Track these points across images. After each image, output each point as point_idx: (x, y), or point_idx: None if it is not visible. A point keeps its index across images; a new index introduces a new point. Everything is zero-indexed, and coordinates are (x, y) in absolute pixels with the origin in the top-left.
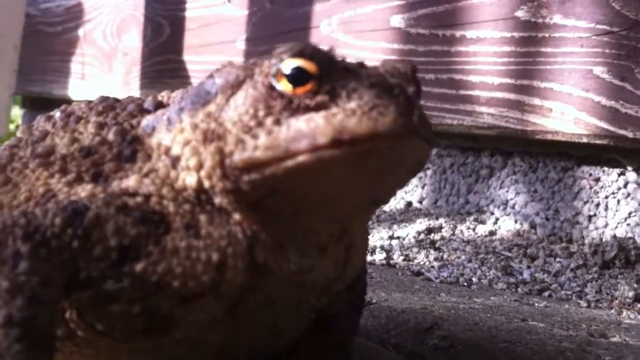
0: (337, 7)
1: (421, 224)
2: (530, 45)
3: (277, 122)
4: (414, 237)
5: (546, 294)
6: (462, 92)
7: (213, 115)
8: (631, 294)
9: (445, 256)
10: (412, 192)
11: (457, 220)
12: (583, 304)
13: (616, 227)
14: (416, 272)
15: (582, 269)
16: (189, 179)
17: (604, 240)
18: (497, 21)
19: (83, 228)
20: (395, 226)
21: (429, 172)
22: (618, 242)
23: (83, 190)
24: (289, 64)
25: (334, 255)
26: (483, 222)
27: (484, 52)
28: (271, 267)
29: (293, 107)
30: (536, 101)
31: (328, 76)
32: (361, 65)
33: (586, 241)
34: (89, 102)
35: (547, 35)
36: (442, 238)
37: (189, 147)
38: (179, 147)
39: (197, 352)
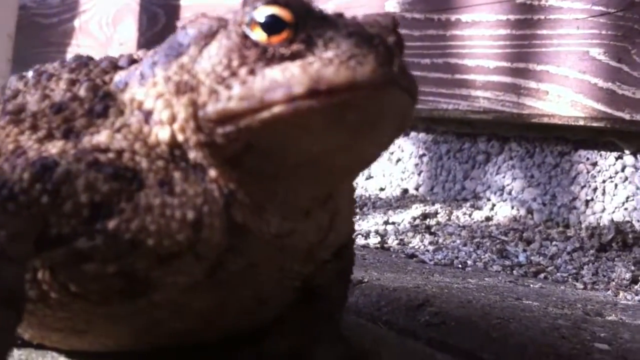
0: None
1: (417, 209)
2: (525, 27)
3: (252, 72)
4: (409, 222)
5: (542, 276)
6: (458, 76)
7: (186, 67)
8: (628, 275)
9: (440, 240)
10: (409, 179)
11: (453, 206)
12: (579, 285)
13: (613, 212)
14: (410, 254)
15: (579, 252)
16: (162, 133)
17: (601, 224)
18: (492, 4)
19: (52, 183)
20: (390, 212)
21: (425, 159)
22: (615, 225)
23: (54, 147)
24: (263, 12)
25: (318, 221)
26: (479, 208)
27: (479, 36)
28: (250, 228)
29: (268, 57)
30: (532, 84)
31: (304, 24)
32: (339, 15)
33: (583, 226)
34: (63, 60)
35: (542, 17)
36: (438, 223)
37: (162, 100)
38: (152, 101)
39: (179, 318)
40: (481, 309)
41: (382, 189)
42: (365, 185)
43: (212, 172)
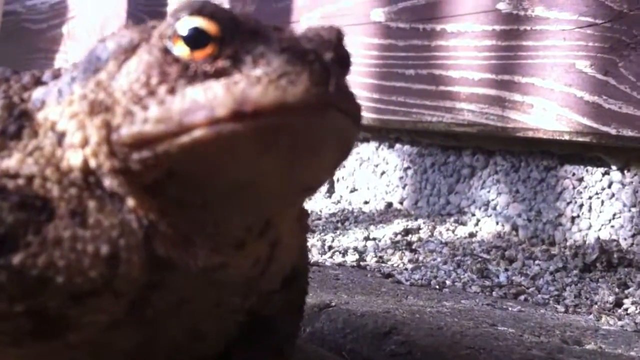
0: (317, 1)
1: (399, 224)
2: (511, 38)
3: (171, 91)
4: (390, 238)
5: (522, 297)
6: (442, 88)
7: (103, 85)
8: (611, 298)
9: (420, 258)
10: (393, 192)
11: (436, 222)
12: (560, 308)
13: (600, 229)
14: (386, 274)
15: (562, 272)
16: (74, 158)
17: (586, 242)
18: (478, 14)
19: None
20: (372, 227)
21: (409, 172)
22: (600, 245)
23: None
24: (186, 24)
25: (254, 253)
26: (464, 224)
27: (464, 47)
28: (175, 262)
29: (190, 74)
30: (517, 97)
31: (231, 39)
32: (275, 28)
33: (568, 244)
34: None
35: (529, 28)
36: (420, 239)
37: (75, 121)
38: (65, 121)
39: (100, 359)
40: (451, 337)
41: (366, 202)
42: (349, 198)
43: (130, 202)
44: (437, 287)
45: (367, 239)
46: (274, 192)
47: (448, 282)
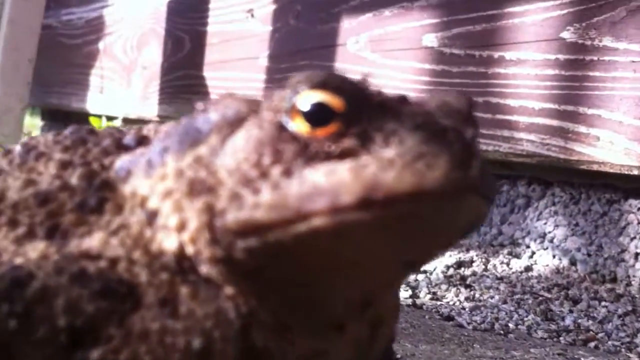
0: (365, 24)
1: (451, 257)
2: (576, 68)
3: (287, 173)
4: (443, 271)
5: (592, 344)
6: (499, 116)
7: (204, 161)
8: None
9: (477, 295)
10: None
11: (489, 253)
12: (634, 357)
13: None
14: (446, 316)
15: (631, 316)
16: (168, 242)
17: None
18: (539, 42)
19: (24, 303)
20: None
21: None
22: None
23: (33, 250)
24: (308, 98)
25: (355, 335)
26: (518, 256)
27: (524, 75)
28: (272, 352)
29: (309, 154)
30: (582, 128)
31: (358, 114)
32: (402, 100)
33: (633, 282)
34: (58, 133)
35: (595, 58)
36: (474, 274)
37: (171, 201)
38: (158, 200)
39: None
40: None
41: None
42: None
43: (228, 289)
44: (502, 331)
45: (418, 272)
46: (385, 274)
47: (511, 325)
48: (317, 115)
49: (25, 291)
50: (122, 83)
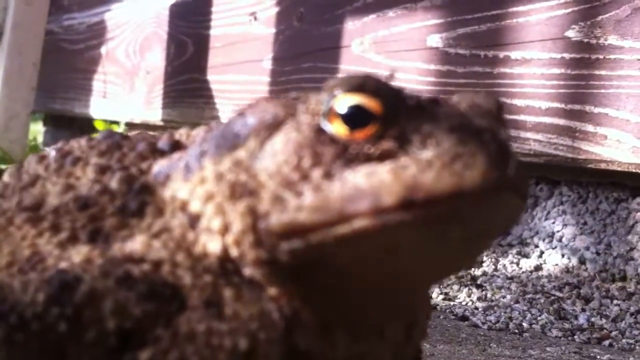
0: (370, 25)
1: None
2: (582, 67)
3: (328, 176)
4: None
5: (606, 342)
6: (506, 116)
7: (243, 164)
8: None
9: (489, 295)
10: None
11: (498, 253)
12: None
13: None
14: (460, 316)
15: None
16: (212, 245)
17: None
18: (545, 41)
19: (73, 306)
20: None
21: None
22: None
23: (77, 254)
24: (346, 101)
25: (393, 337)
26: (527, 256)
27: (530, 74)
28: (315, 355)
29: (349, 157)
30: (589, 127)
31: (395, 116)
32: (435, 101)
33: None
34: (91, 138)
35: (601, 57)
36: (484, 274)
37: (212, 204)
38: (199, 203)
39: None
40: None
41: None
42: None
43: (272, 290)
44: (517, 331)
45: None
46: (427, 277)
47: (525, 325)
48: (355, 118)
49: (74, 295)
50: (125, 88)
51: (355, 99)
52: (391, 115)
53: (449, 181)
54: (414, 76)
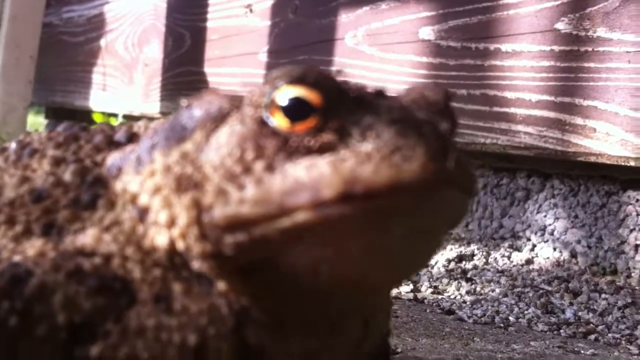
0: (363, 18)
1: (452, 250)
2: (571, 59)
3: (270, 169)
4: (444, 265)
5: (592, 337)
6: (497, 109)
7: (190, 157)
8: None
9: (478, 289)
10: None
11: (490, 247)
12: (634, 349)
13: None
14: (447, 310)
15: (631, 308)
16: (160, 238)
17: None
18: (535, 34)
19: (23, 300)
20: None
21: None
22: None
23: (31, 247)
24: (286, 93)
25: (348, 333)
26: (519, 249)
27: (520, 67)
28: (265, 350)
29: (290, 149)
30: (578, 120)
31: (336, 109)
32: (379, 94)
33: (633, 274)
34: (52, 130)
35: (590, 49)
36: (475, 267)
37: (160, 197)
38: (148, 196)
39: None
40: None
41: None
42: None
43: (220, 284)
44: (502, 324)
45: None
46: (378, 276)
47: (512, 319)
48: (296, 111)
49: (24, 288)
50: (124, 80)
51: (296, 91)
52: (331, 108)
53: (387, 174)
54: (407, 69)
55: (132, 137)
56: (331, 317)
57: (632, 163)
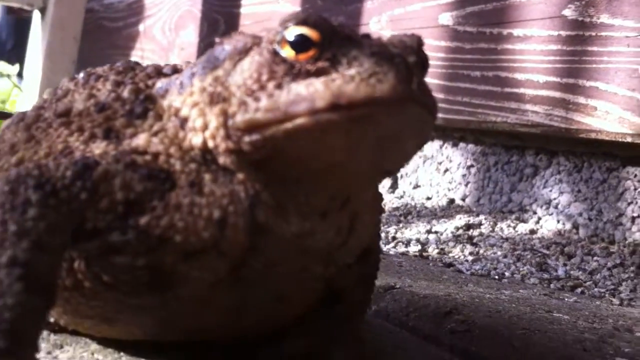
0: (386, 4)
1: (461, 220)
2: (576, 44)
3: (279, 86)
4: (452, 232)
5: (579, 290)
6: (508, 89)
7: (220, 80)
8: None
9: (481, 251)
10: (455, 189)
11: (498, 218)
12: (616, 301)
13: None
14: (448, 263)
15: (619, 268)
16: (195, 139)
17: None
18: (544, 20)
19: (92, 181)
20: (434, 221)
21: (472, 170)
22: None
23: (97, 148)
24: (293, 31)
25: (337, 222)
26: (524, 221)
27: (530, 50)
28: (272, 227)
29: (294, 72)
30: (581, 100)
31: (330, 44)
32: (366, 36)
33: (627, 242)
34: (113, 64)
35: (593, 34)
36: (481, 234)
37: (197, 109)
38: (188, 109)
39: (204, 313)
40: (508, 320)
41: (428, 198)
42: (412, 194)
43: (240, 175)
44: (496, 277)
45: (429, 232)
46: (358, 173)
47: (507, 274)
48: (300, 44)
49: (93, 173)
50: (161, 63)
51: (300, 30)
52: (327, 43)
53: (365, 90)
54: (427, 52)
55: (176, 71)
56: (324, 205)
57: (628, 139)
